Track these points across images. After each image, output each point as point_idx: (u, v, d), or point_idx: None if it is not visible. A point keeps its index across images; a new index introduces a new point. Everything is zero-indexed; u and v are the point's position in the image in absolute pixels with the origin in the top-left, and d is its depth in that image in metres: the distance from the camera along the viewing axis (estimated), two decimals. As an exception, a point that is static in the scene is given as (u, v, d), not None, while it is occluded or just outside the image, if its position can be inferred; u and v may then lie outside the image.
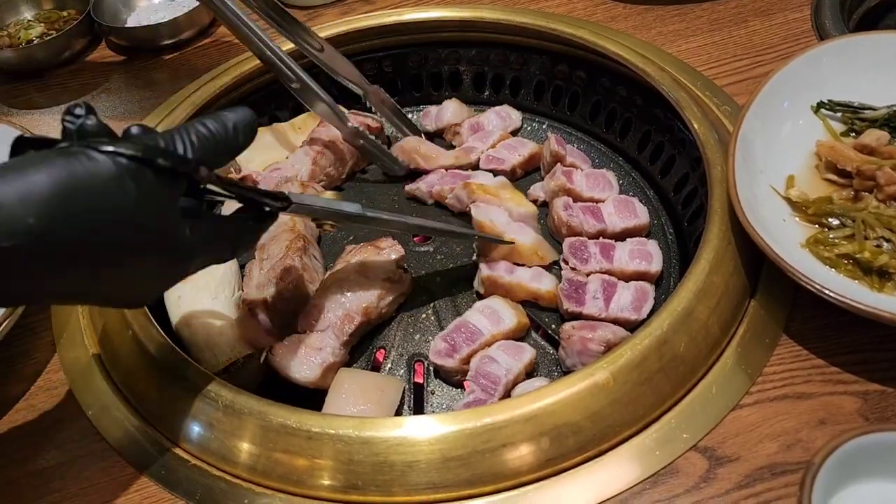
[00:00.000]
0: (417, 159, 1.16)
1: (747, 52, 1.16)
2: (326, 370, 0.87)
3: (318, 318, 0.91)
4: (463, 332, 0.91)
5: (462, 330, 0.91)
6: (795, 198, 0.89)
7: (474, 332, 0.90)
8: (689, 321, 0.78)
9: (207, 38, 1.39)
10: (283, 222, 1.00)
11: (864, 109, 0.95)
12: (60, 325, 0.94)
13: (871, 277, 0.80)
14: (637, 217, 1.03)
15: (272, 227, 0.81)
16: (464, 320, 0.92)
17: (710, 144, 0.94)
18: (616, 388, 0.74)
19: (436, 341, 0.91)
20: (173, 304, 0.93)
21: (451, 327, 0.92)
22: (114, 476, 0.78)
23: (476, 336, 0.90)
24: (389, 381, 0.87)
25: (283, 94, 1.25)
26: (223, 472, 0.76)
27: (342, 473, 0.72)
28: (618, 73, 1.14)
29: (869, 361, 0.78)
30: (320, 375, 0.87)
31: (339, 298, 0.93)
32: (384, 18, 1.24)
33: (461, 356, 0.89)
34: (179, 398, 0.78)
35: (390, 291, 0.95)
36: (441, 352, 0.90)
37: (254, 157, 1.14)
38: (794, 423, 0.74)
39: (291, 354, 0.88)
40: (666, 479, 0.71)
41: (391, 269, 0.96)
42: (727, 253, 0.84)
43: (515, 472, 0.72)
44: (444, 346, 0.90)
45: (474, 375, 0.86)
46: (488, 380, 0.85)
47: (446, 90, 1.30)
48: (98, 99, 1.30)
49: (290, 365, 0.87)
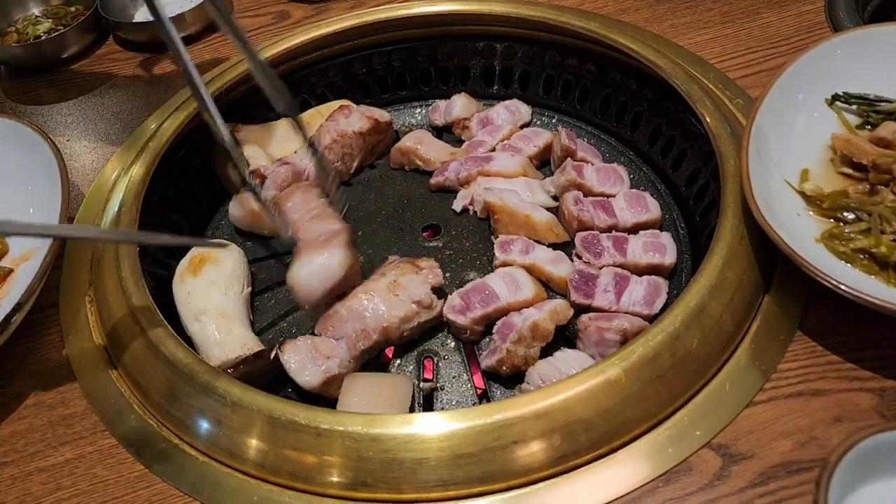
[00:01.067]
0: (416, 161, 1.15)
1: (760, 44, 1.14)
2: (330, 380, 0.85)
3: (336, 326, 0.89)
4: (479, 293, 0.92)
5: (479, 291, 0.92)
6: (810, 192, 0.88)
7: (490, 295, 0.91)
8: (702, 317, 0.77)
9: (216, 32, 1.38)
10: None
11: (881, 102, 0.94)
12: (69, 322, 0.94)
13: (887, 272, 0.79)
14: (649, 211, 1.02)
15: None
16: (483, 282, 0.93)
17: (723, 138, 0.93)
18: (628, 384, 0.73)
19: (452, 296, 0.92)
20: (183, 300, 0.93)
21: (470, 286, 0.93)
22: (122, 473, 0.78)
23: (491, 300, 0.91)
24: (399, 380, 0.87)
25: (291, 88, 1.24)
26: (232, 468, 0.76)
27: (351, 471, 0.71)
28: (628, 67, 1.13)
29: (885, 357, 0.77)
30: (321, 383, 0.85)
31: (363, 311, 0.89)
32: (393, 12, 1.23)
33: (473, 316, 0.90)
34: (188, 395, 0.78)
35: (417, 316, 0.90)
36: (455, 307, 0.91)
37: (263, 152, 1.13)
38: (808, 420, 0.73)
39: (299, 355, 0.86)
40: (679, 476, 0.71)
41: (424, 292, 0.91)
42: (741, 248, 0.83)
43: (527, 470, 0.71)
44: (459, 302, 0.91)
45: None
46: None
47: (455, 84, 1.29)
48: (106, 94, 1.29)
49: (295, 366, 0.86)
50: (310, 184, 1.05)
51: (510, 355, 0.86)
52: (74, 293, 0.97)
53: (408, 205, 1.12)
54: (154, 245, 1.01)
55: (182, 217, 1.12)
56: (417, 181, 1.16)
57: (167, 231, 1.08)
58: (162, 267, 1.03)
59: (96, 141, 1.20)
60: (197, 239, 1.09)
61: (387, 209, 1.11)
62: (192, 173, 1.15)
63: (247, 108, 1.20)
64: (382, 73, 1.28)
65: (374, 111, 1.17)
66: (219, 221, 1.16)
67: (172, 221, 1.10)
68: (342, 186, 1.16)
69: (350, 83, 1.28)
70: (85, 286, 0.97)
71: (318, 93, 1.27)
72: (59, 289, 0.98)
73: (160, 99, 1.25)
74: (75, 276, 0.98)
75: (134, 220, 0.96)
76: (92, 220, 1.05)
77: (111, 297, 0.90)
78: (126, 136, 1.19)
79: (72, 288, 0.97)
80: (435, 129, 1.25)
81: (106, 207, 1.05)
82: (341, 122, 1.14)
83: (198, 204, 1.15)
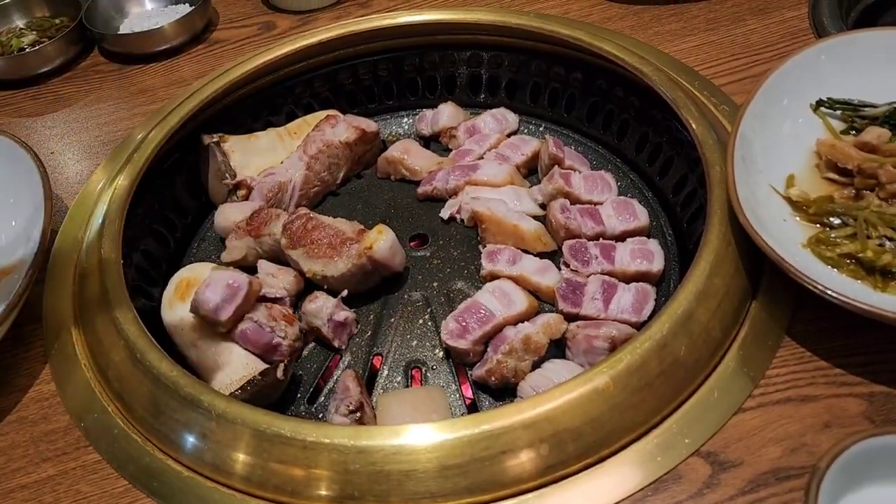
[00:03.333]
0: (403, 171, 1.15)
1: (745, 50, 1.15)
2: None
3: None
4: (474, 313, 0.90)
5: (473, 311, 0.90)
6: (796, 197, 0.88)
7: (486, 313, 0.90)
8: (690, 324, 0.77)
9: (200, 43, 1.38)
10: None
11: (865, 107, 0.94)
12: (52, 336, 0.93)
13: (873, 277, 0.79)
14: (637, 219, 1.01)
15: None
16: (475, 301, 0.91)
17: (709, 144, 0.93)
18: (616, 392, 0.72)
19: (447, 321, 0.90)
20: (175, 328, 0.92)
21: (462, 308, 0.91)
22: (106, 489, 0.77)
23: (488, 318, 0.89)
24: (433, 391, 0.87)
25: (277, 99, 1.24)
26: (217, 483, 0.75)
27: (338, 483, 0.71)
28: (615, 74, 1.13)
29: (873, 363, 0.77)
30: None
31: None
32: (379, 22, 1.23)
33: (474, 337, 0.88)
34: (172, 408, 0.77)
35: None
36: (453, 332, 0.89)
37: (249, 163, 1.12)
38: (798, 426, 0.73)
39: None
40: (668, 485, 0.70)
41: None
42: (727, 254, 0.82)
43: (515, 480, 0.70)
44: (456, 326, 0.89)
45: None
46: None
47: (442, 93, 1.29)
48: (91, 106, 1.28)
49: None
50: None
51: (499, 366, 0.85)
52: (58, 308, 0.95)
53: (395, 214, 1.12)
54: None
55: (168, 229, 1.11)
56: (405, 190, 1.15)
57: (153, 244, 1.07)
58: (146, 298, 1.02)
59: (81, 153, 1.19)
60: None
61: (374, 219, 1.11)
62: (178, 185, 1.14)
63: (232, 119, 1.20)
64: (369, 82, 1.28)
65: (361, 121, 1.17)
66: (204, 233, 1.15)
67: (158, 233, 1.09)
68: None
69: (336, 93, 1.28)
70: (69, 301, 0.95)
71: (305, 103, 1.27)
72: (43, 303, 0.96)
73: (145, 111, 1.24)
74: (59, 290, 0.97)
75: (118, 233, 0.95)
76: (76, 232, 1.04)
77: (95, 311, 0.89)
78: (111, 148, 1.18)
79: (55, 303, 0.96)
80: (422, 139, 1.25)
81: (90, 219, 1.04)
82: (328, 132, 1.14)
83: (183, 216, 1.14)
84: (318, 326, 0.93)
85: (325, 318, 0.92)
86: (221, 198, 1.13)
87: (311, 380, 0.93)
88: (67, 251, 1.01)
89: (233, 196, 1.12)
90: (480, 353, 0.90)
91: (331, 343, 0.94)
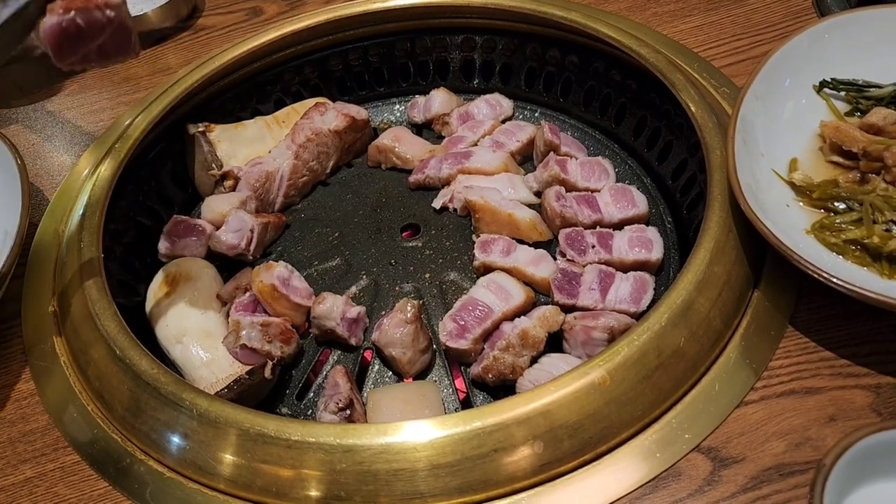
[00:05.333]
0: (394, 160, 1.12)
1: (746, 31, 1.12)
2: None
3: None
4: (471, 310, 0.86)
5: (470, 308, 0.87)
6: (799, 181, 0.85)
7: (483, 309, 0.86)
8: (690, 314, 0.74)
9: (186, 30, 1.34)
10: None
11: (870, 87, 0.91)
12: (31, 333, 0.90)
13: (880, 264, 0.77)
14: (636, 206, 0.98)
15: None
16: (471, 298, 0.88)
17: (709, 128, 0.90)
18: (613, 386, 0.70)
19: (444, 322, 0.87)
20: (160, 324, 0.90)
21: (458, 306, 0.88)
22: (85, 491, 0.74)
23: (487, 314, 0.86)
24: (425, 386, 0.84)
25: (264, 86, 1.21)
26: (200, 484, 0.72)
27: (325, 484, 0.68)
28: (611, 57, 1.10)
29: (880, 352, 0.74)
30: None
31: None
32: (369, 6, 1.19)
33: (474, 336, 0.85)
34: (153, 408, 0.74)
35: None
36: (452, 333, 0.85)
37: (236, 152, 1.09)
38: (802, 420, 0.70)
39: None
40: (668, 482, 0.68)
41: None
42: (728, 241, 0.80)
43: (509, 479, 0.68)
44: (454, 326, 0.86)
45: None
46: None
47: (434, 79, 1.26)
48: (73, 94, 1.25)
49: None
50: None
51: (496, 362, 0.82)
52: (37, 304, 0.92)
53: (386, 204, 1.09)
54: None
55: (153, 221, 1.08)
56: (396, 179, 1.12)
57: (138, 236, 1.04)
58: (129, 294, 0.99)
59: (63, 143, 1.16)
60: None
61: (364, 209, 1.08)
62: (163, 175, 1.11)
63: (218, 107, 1.17)
64: (359, 68, 1.25)
65: (351, 108, 1.14)
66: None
67: (143, 226, 1.06)
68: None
69: (326, 80, 1.24)
70: (48, 297, 0.93)
71: (293, 90, 1.23)
72: (21, 299, 0.93)
73: (129, 98, 1.21)
74: (38, 286, 0.94)
75: (98, 225, 0.92)
76: (57, 224, 1.01)
77: (75, 308, 0.86)
78: (94, 139, 1.15)
79: (34, 299, 0.93)
80: (414, 126, 1.22)
81: (71, 212, 1.01)
82: (316, 120, 1.11)
83: (169, 207, 1.11)
84: (331, 328, 0.89)
85: (338, 317, 0.89)
86: (208, 189, 1.10)
87: (300, 374, 0.91)
88: (47, 245, 0.99)
89: (220, 187, 1.09)
90: (481, 352, 0.87)
91: (347, 342, 0.91)
